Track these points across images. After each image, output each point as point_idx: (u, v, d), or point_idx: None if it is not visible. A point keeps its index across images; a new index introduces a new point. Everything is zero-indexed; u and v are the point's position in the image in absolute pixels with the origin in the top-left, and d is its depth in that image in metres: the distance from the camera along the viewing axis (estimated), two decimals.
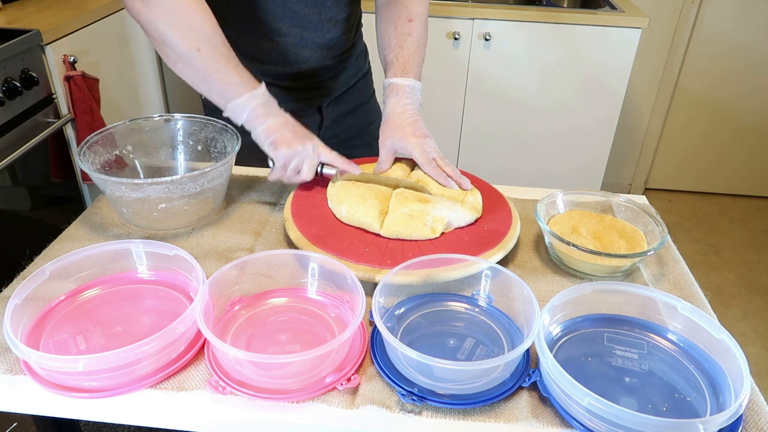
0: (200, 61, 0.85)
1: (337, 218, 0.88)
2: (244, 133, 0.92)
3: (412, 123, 0.97)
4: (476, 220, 0.89)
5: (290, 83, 1.12)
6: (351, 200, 0.87)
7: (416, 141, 0.95)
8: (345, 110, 1.22)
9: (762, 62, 2.56)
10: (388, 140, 0.97)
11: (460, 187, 0.93)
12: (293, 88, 1.13)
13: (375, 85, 1.29)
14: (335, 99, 1.19)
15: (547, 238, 0.86)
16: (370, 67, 1.28)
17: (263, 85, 0.90)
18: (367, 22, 1.17)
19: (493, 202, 0.93)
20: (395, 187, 0.93)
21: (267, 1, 1.00)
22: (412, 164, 0.99)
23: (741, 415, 0.60)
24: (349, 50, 1.16)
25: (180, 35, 0.84)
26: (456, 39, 2.11)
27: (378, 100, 1.27)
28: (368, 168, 0.98)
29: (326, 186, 0.95)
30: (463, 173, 0.96)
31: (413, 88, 1.00)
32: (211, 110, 0.97)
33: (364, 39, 1.24)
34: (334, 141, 1.11)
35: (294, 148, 0.89)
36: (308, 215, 0.88)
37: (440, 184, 0.93)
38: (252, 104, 0.88)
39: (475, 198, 0.91)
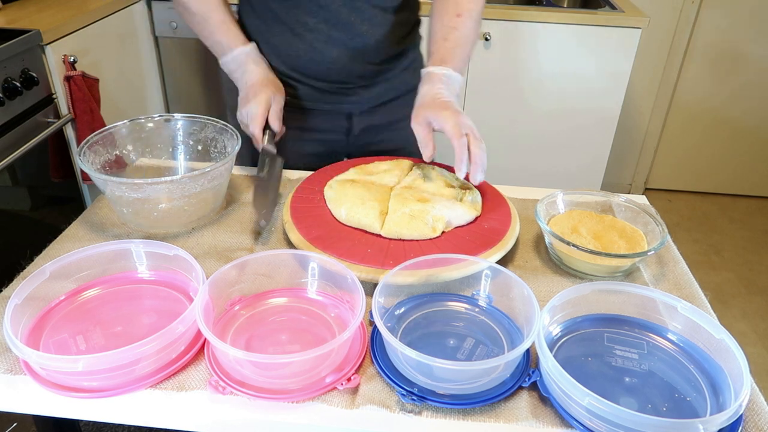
0: (192, 27, 1.05)
1: (336, 219, 0.88)
2: (244, 134, 0.92)
3: (445, 103, 0.91)
4: (476, 219, 0.89)
5: (319, 83, 1.09)
6: (350, 202, 0.87)
7: (449, 114, 0.87)
8: (379, 123, 1.15)
9: (762, 62, 2.56)
10: (421, 115, 0.91)
11: (466, 179, 0.89)
12: (323, 90, 1.10)
13: None
14: (369, 110, 1.14)
15: (547, 238, 0.86)
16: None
17: (234, 52, 1.02)
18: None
19: (493, 201, 0.93)
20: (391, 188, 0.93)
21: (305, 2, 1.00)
22: (410, 165, 0.99)
23: (741, 415, 0.60)
24: (392, 61, 1.11)
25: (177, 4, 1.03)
26: None
27: None
28: (369, 169, 0.98)
29: (323, 186, 0.95)
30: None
31: (449, 77, 0.95)
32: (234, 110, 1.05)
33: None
34: (365, 153, 1.10)
35: (244, 109, 0.98)
36: (307, 217, 0.88)
37: (452, 167, 0.88)
38: (227, 67, 1.04)
39: (474, 197, 0.91)
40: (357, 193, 0.89)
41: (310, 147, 1.15)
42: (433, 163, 0.99)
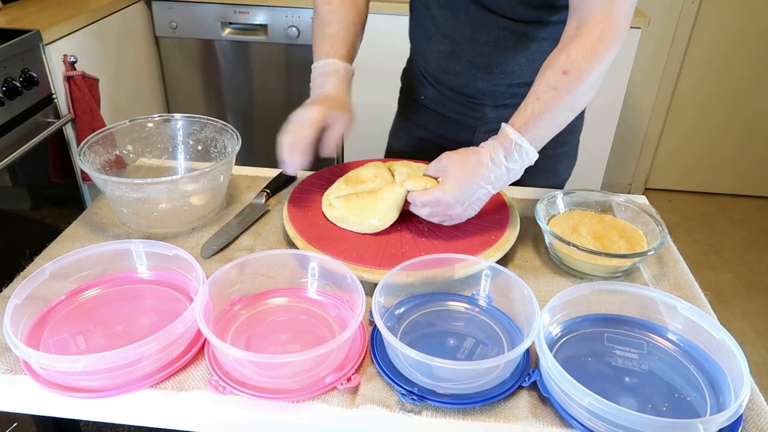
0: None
1: None
2: (243, 134, 0.92)
3: (473, 184, 0.78)
4: (476, 221, 0.88)
5: (448, 92, 1.08)
6: (352, 220, 0.86)
7: (449, 186, 0.79)
8: None
9: (762, 62, 2.56)
10: (442, 165, 0.81)
11: None
12: (452, 99, 1.08)
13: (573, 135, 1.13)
14: (494, 129, 1.06)
15: (547, 238, 0.86)
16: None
17: (324, 61, 0.92)
18: None
19: (493, 201, 0.93)
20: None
21: (430, 6, 1.00)
22: (387, 166, 0.96)
23: (741, 415, 0.60)
24: (530, 85, 0.94)
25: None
26: None
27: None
28: (355, 179, 0.93)
29: (322, 187, 0.94)
30: None
31: (521, 152, 0.78)
32: None
33: None
34: None
35: (295, 112, 0.88)
36: (307, 217, 0.88)
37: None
38: (312, 74, 0.94)
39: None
40: (361, 213, 0.86)
41: (425, 147, 1.16)
42: (413, 160, 0.99)
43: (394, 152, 1.23)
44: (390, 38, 2.12)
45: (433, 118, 1.14)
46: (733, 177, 2.86)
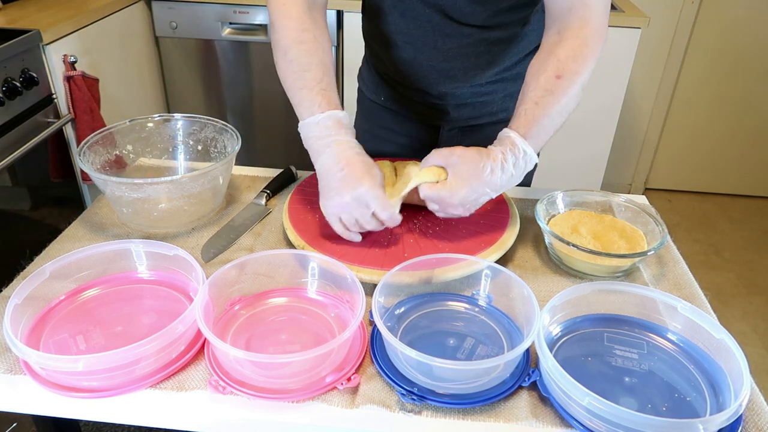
0: (279, 75, 0.84)
1: None
2: (243, 134, 0.92)
3: (479, 190, 0.78)
4: (472, 217, 0.87)
5: (409, 93, 1.07)
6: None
7: (459, 191, 0.78)
8: (471, 143, 0.92)
9: (762, 62, 2.56)
10: (454, 161, 0.79)
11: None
12: (413, 100, 1.08)
13: None
14: (460, 128, 1.09)
15: (547, 238, 0.86)
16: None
17: (321, 115, 0.79)
18: None
19: (493, 201, 0.93)
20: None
21: (386, 11, 0.97)
22: (390, 166, 0.96)
23: (741, 415, 0.60)
24: (492, 84, 1.03)
25: (273, 41, 0.85)
26: None
27: None
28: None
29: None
30: None
31: (526, 158, 0.79)
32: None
33: None
34: None
35: (331, 201, 0.78)
36: (306, 218, 0.88)
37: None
38: (303, 134, 0.81)
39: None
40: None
41: (391, 147, 1.15)
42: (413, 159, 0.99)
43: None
44: None
45: (396, 119, 1.14)
46: (733, 177, 2.85)
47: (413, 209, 0.89)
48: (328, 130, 0.79)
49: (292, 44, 0.82)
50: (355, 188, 0.76)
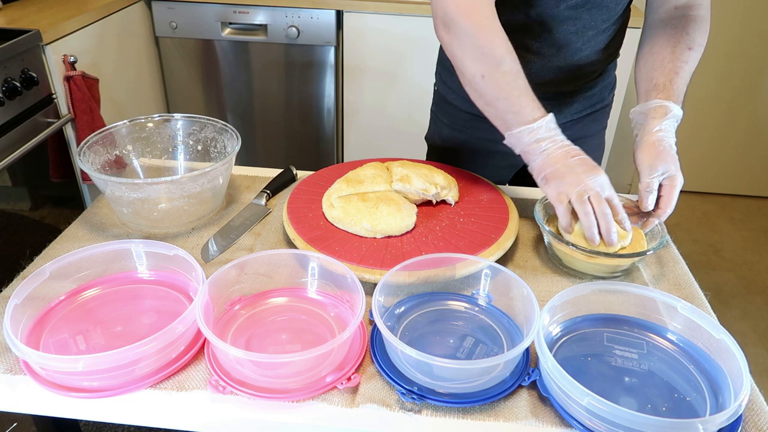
0: (483, 88, 0.84)
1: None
2: (243, 134, 0.92)
3: (672, 153, 0.88)
4: (472, 217, 0.89)
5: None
6: (346, 221, 0.86)
7: (675, 168, 0.87)
8: (571, 137, 0.96)
9: (762, 62, 2.56)
10: (662, 165, 0.86)
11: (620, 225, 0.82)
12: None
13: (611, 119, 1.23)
14: (563, 124, 1.07)
15: (547, 238, 0.86)
16: (612, 101, 1.21)
17: (545, 117, 0.83)
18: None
19: (493, 201, 0.93)
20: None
21: (531, 19, 0.96)
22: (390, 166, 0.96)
23: (741, 415, 0.60)
24: (594, 79, 1.11)
25: (469, 61, 0.83)
26: None
27: (608, 132, 1.22)
28: (355, 179, 0.92)
29: (321, 187, 0.94)
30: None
31: (678, 118, 0.91)
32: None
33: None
34: None
35: (564, 181, 0.80)
36: (307, 218, 0.88)
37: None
38: (526, 138, 0.83)
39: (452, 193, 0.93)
40: (368, 219, 0.85)
41: (495, 156, 1.14)
42: (413, 160, 0.99)
43: (434, 153, 1.24)
44: (390, 38, 2.12)
45: (466, 118, 1.13)
46: (733, 177, 2.85)
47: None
48: (551, 131, 0.83)
49: (505, 54, 0.83)
50: (595, 175, 0.81)
